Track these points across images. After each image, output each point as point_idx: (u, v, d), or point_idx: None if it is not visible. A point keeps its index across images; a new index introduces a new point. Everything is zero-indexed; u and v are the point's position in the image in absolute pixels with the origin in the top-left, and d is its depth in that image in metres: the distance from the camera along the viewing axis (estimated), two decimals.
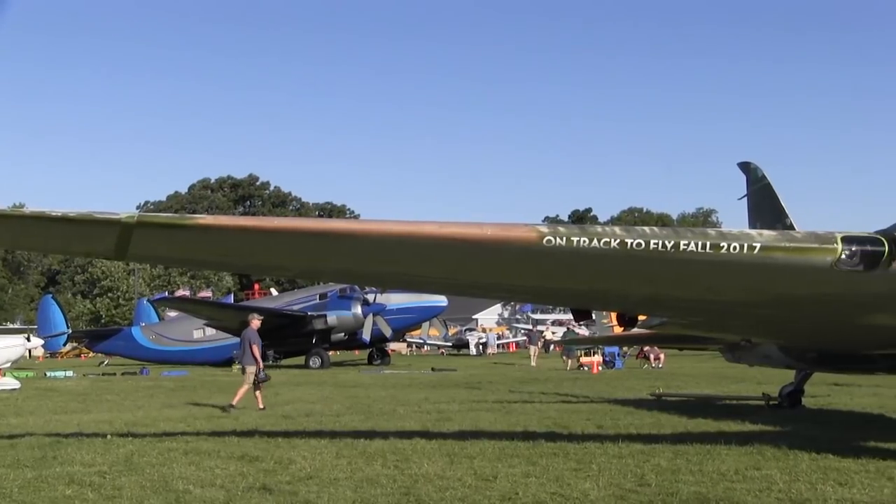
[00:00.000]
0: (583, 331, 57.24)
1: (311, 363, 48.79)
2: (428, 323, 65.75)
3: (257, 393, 22.47)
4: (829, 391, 26.74)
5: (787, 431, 16.89)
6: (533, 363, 51.39)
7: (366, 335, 50.27)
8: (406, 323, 54.62)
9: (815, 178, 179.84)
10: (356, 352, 58.75)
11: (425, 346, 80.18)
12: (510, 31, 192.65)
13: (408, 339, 73.61)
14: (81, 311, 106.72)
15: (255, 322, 23.62)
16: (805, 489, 10.71)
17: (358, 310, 50.38)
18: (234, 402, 22.13)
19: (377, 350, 54.19)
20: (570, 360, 46.66)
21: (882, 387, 28.04)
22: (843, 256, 10.98)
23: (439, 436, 16.03)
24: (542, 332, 69.43)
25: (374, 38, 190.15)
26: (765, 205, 24.06)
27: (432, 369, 45.62)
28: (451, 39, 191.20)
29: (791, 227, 21.42)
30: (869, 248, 11.03)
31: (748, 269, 11.13)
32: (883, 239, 11.13)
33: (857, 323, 13.39)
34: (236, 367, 47.55)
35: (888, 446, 14.38)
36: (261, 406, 22.01)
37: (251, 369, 22.65)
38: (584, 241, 10.76)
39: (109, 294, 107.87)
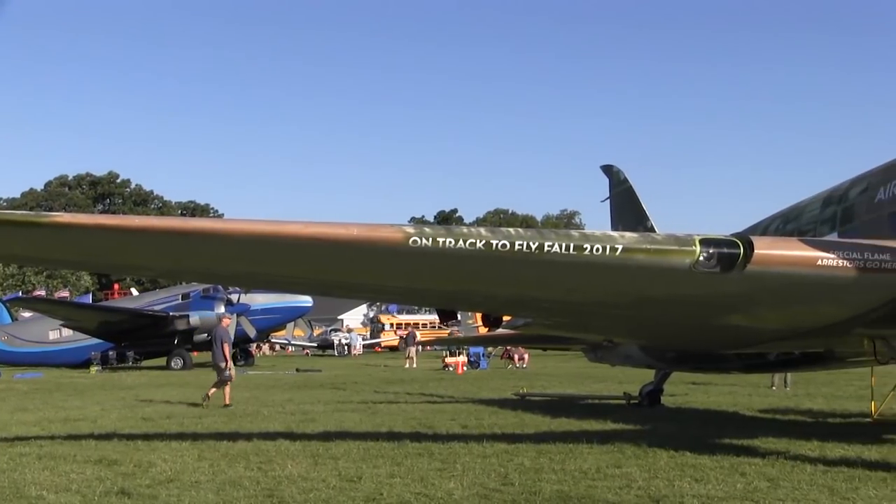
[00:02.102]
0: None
1: (172, 364, 47.93)
2: (293, 323, 65.09)
3: (225, 389, 23.57)
4: (687, 390, 27.45)
5: (646, 430, 17.27)
6: (409, 365, 50.75)
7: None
8: (270, 323, 54.10)
9: (676, 180, 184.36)
10: None
11: (290, 347, 79.48)
12: (374, 26, 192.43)
13: (272, 340, 72.85)
14: None
15: (227, 321, 25.76)
16: (663, 486, 10.96)
17: (221, 310, 49.60)
18: (227, 402, 23.11)
19: (241, 351, 53.49)
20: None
21: (737, 385, 28.95)
22: (701, 258, 11.25)
23: (303, 437, 15.91)
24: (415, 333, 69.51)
25: (240, 30, 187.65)
26: (627, 207, 24.60)
27: (297, 370, 45.31)
28: (319, 34, 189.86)
29: (652, 230, 21.94)
30: (725, 250, 11.32)
31: (610, 271, 11.32)
32: (739, 241, 11.44)
33: (713, 323, 13.77)
34: (94, 369, 46.60)
35: (741, 443, 14.85)
36: (227, 402, 23.08)
37: (223, 365, 23.80)
38: (450, 242, 10.79)
39: None
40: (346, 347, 73.83)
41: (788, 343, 15.08)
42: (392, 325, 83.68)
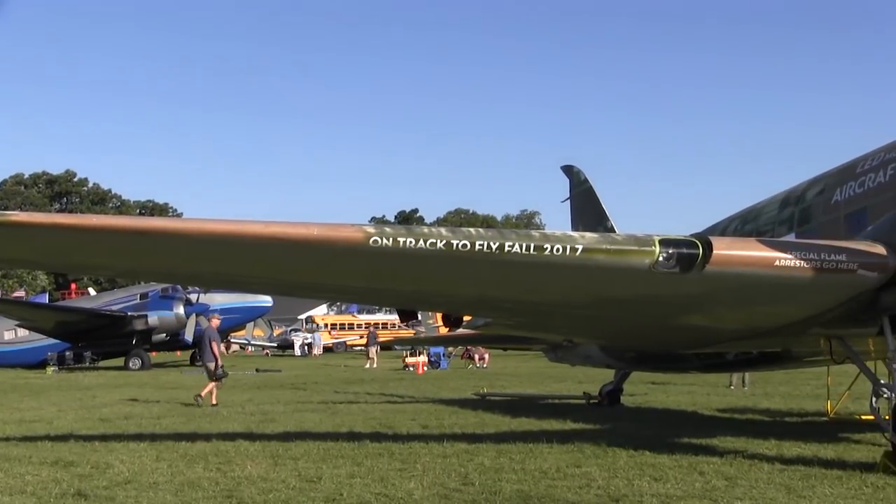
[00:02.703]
0: None
1: (130, 364, 47.62)
2: (252, 323, 64.80)
3: (210, 386, 23.90)
4: (646, 390, 27.62)
5: (606, 429, 17.36)
6: (369, 365, 50.59)
7: (188, 336, 49.29)
8: (230, 323, 53.78)
9: (636, 180, 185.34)
10: (178, 353, 57.55)
11: (249, 347, 79.11)
12: (332, 22, 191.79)
13: (232, 340, 72.48)
14: None
15: (216, 321, 26.24)
16: (623, 485, 11.01)
17: (180, 310, 49.40)
18: (213, 402, 23.30)
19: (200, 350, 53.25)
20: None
21: (695, 385, 29.17)
22: (661, 259, 11.30)
23: (263, 437, 15.86)
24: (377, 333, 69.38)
25: (196, 27, 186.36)
26: (587, 207, 24.71)
27: (256, 370, 45.18)
28: (277, 29, 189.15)
29: (612, 230, 22.05)
30: (685, 250, 11.38)
31: (570, 271, 11.35)
32: (698, 242, 11.51)
33: (673, 323, 13.85)
34: (50, 370, 46.14)
35: (700, 442, 14.96)
36: (214, 402, 23.29)
37: (211, 366, 24.38)
38: (411, 242, 10.78)
39: None
40: (307, 347, 73.57)
41: (747, 343, 15.21)
42: (326, 325, 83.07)
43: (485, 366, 47.52)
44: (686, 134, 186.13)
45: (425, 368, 45.63)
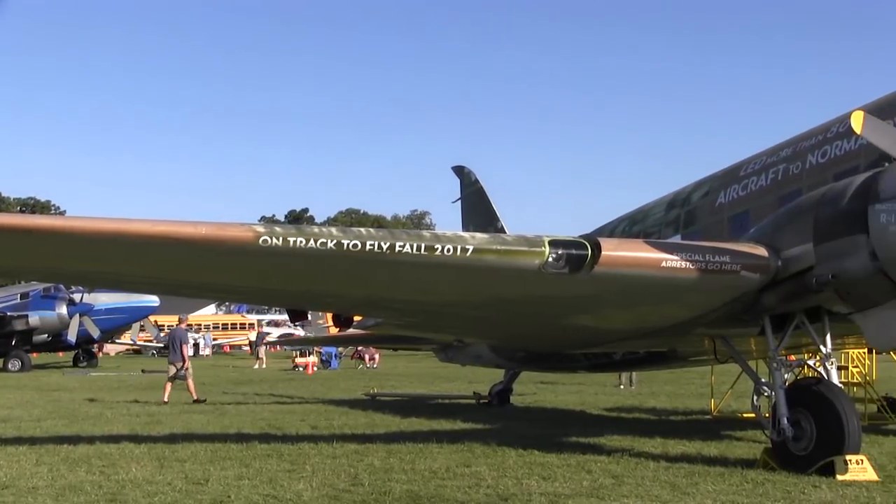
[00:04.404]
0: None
1: (10, 366, 46.20)
2: (139, 323, 63.52)
3: (168, 384, 24.86)
4: (535, 389, 27.90)
5: (496, 429, 17.48)
6: (258, 365, 50.06)
7: (71, 336, 48.13)
8: (115, 323, 52.73)
9: (527, 181, 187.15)
10: (60, 354, 56.14)
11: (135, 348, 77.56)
12: (221, 27, 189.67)
13: (117, 341, 70.99)
14: None
15: (185, 323, 28.04)
16: (512, 484, 11.07)
17: (63, 310, 48.17)
18: (195, 398, 24.33)
19: (83, 352, 52.12)
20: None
21: (584, 384, 29.59)
22: (550, 259, 11.39)
23: (149, 439, 15.57)
24: (267, 333, 68.72)
25: (82, 22, 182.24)
26: (478, 208, 24.87)
27: (142, 371, 44.29)
28: (166, 26, 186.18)
29: (502, 231, 22.22)
30: (574, 251, 11.48)
31: (461, 271, 11.37)
32: (587, 243, 11.64)
33: (562, 323, 14.00)
34: None
35: (588, 441, 15.15)
36: (165, 399, 24.08)
37: (179, 365, 25.01)
38: (301, 242, 10.68)
39: None
40: (194, 347, 72.43)
41: (634, 342, 15.45)
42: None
43: (375, 366, 47.47)
44: (576, 135, 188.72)
45: (315, 369, 45.39)
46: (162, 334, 76.82)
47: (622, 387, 29.03)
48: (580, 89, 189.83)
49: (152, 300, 51.93)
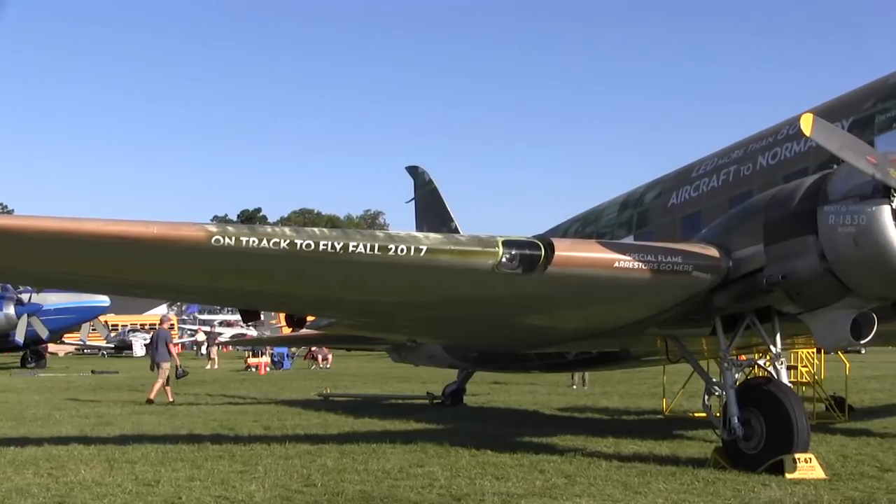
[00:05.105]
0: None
1: None
2: (89, 324, 62.85)
3: (167, 388, 24.72)
4: (489, 389, 27.95)
5: (449, 429, 17.49)
6: (210, 366, 49.72)
7: (19, 337, 47.52)
8: (65, 324, 52.12)
9: (480, 182, 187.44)
10: (5, 354, 55.40)
11: (85, 348, 76.77)
12: (166, 23, 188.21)
13: (66, 341, 70.19)
14: None
15: (167, 322, 28.43)
16: (465, 484, 11.08)
17: (10, 310, 47.56)
18: (151, 397, 24.18)
19: (32, 352, 51.45)
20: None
21: (537, 384, 29.68)
22: (504, 260, 11.40)
23: (98, 441, 15.42)
24: (219, 333, 68.24)
25: (25, 18, 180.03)
26: (431, 208, 24.87)
27: (92, 372, 43.90)
28: (109, 26, 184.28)
29: (456, 231, 22.23)
30: (527, 251, 11.51)
31: (415, 271, 11.37)
32: (540, 243, 11.67)
33: (516, 323, 14.03)
34: None
35: (541, 441, 15.20)
36: (170, 399, 24.30)
37: (165, 365, 24.96)
38: (254, 242, 10.62)
39: None
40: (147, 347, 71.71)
41: (587, 342, 15.51)
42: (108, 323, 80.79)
43: (328, 366, 47.34)
44: (526, 136, 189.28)
45: (268, 369, 45.17)
46: (113, 335, 76.31)
47: (575, 387, 29.15)
48: (537, 86, 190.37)
49: (102, 300, 51.41)
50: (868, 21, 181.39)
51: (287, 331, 27.82)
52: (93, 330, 66.05)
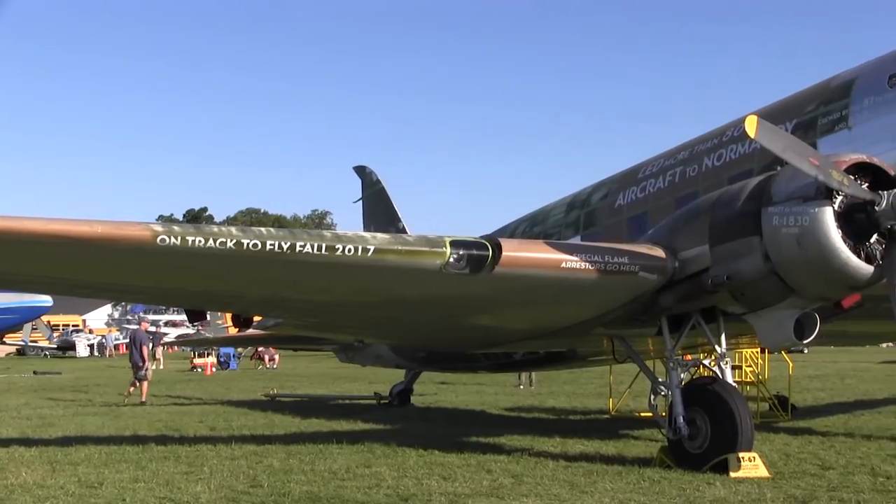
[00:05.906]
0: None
1: None
2: (30, 324, 62.14)
3: (143, 387, 25.06)
4: (436, 389, 27.99)
5: (396, 429, 17.48)
6: (156, 366, 49.20)
7: None
8: (6, 324, 51.64)
9: (428, 181, 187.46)
10: None
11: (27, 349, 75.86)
12: (116, 28, 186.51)
13: (7, 342, 69.30)
14: None
15: (145, 325, 30.31)
16: (412, 484, 11.07)
17: None
18: (143, 399, 24.53)
19: None
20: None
21: (484, 384, 29.75)
22: (452, 260, 11.40)
23: (40, 442, 15.23)
24: (165, 333, 67.63)
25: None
26: (379, 208, 24.85)
27: (34, 372, 43.32)
28: (63, 21, 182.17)
29: (404, 231, 22.22)
30: (475, 252, 11.52)
31: (362, 271, 11.33)
32: (488, 243, 11.68)
33: (463, 323, 14.05)
34: None
35: (488, 441, 15.24)
36: (143, 399, 24.55)
37: (141, 365, 25.36)
38: (200, 241, 10.52)
39: None
40: (93, 348, 70.97)
41: (534, 342, 15.56)
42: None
43: (275, 366, 47.14)
44: (475, 136, 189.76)
45: (214, 369, 44.88)
46: (55, 335, 75.47)
47: (522, 387, 29.25)
48: (485, 85, 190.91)
49: (45, 300, 51.00)
50: (863, 15, 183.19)
51: (233, 331, 27.68)
52: (34, 330, 65.39)
